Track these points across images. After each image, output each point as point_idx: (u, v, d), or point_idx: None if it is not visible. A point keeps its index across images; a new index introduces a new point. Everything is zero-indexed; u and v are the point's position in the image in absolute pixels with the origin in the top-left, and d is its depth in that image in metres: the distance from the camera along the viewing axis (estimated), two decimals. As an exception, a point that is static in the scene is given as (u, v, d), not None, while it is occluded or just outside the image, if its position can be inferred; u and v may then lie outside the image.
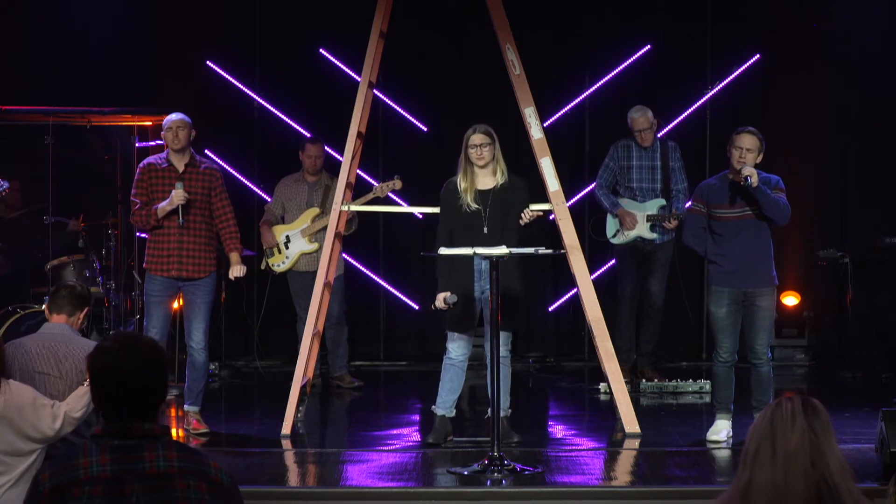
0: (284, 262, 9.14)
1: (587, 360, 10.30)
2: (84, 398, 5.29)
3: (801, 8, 10.39)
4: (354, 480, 6.39)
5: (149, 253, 7.55)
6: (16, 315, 8.75)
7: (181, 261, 7.45)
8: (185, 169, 7.53)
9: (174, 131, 7.52)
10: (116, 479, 3.15)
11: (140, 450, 3.19)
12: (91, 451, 3.18)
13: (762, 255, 7.00)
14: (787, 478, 3.05)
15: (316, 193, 9.13)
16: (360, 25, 8.08)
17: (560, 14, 10.45)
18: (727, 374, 7.10)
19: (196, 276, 7.49)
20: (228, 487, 3.24)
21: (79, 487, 3.14)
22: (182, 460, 3.20)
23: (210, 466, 3.24)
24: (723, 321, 7.02)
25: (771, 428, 3.11)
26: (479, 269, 6.96)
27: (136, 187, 7.55)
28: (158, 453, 3.19)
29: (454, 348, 7.07)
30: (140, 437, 3.20)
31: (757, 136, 6.90)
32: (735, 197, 6.94)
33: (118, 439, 3.19)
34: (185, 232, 7.44)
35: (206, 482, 3.19)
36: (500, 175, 7.01)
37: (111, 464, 3.16)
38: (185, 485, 3.17)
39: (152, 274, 7.50)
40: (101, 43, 10.15)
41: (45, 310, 5.86)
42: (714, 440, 7.06)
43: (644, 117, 9.02)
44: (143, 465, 3.17)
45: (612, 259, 9.52)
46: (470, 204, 6.97)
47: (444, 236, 7.00)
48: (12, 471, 5.07)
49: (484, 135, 6.95)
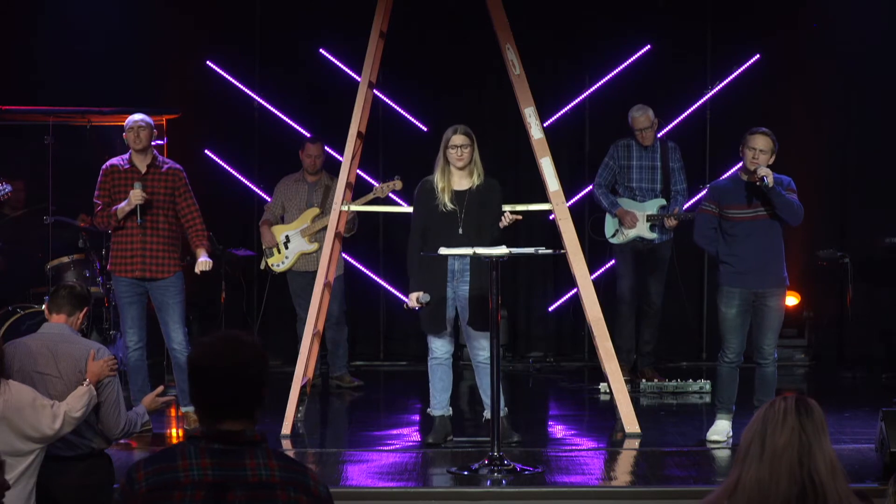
0: (284, 262, 9.14)
1: (587, 360, 10.30)
2: (84, 398, 5.29)
3: (800, 8, 10.39)
4: (354, 480, 6.39)
5: (112, 254, 7.59)
6: (16, 315, 8.75)
7: (144, 261, 7.47)
8: (147, 169, 7.53)
9: (135, 131, 7.52)
10: (219, 486, 3.05)
11: (241, 456, 3.08)
12: (190, 454, 3.07)
13: (774, 255, 7.00)
14: (771, 475, 3.06)
15: (316, 193, 9.13)
16: (360, 25, 8.07)
17: (560, 14, 10.45)
18: (731, 375, 7.09)
19: (160, 277, 7.49)
20: (325, 499, 3.14)
21: (180, 491, 3.03)
22: (283, 469, 3.10)
23: (309, 477, 3.13)
24: (732, 321, 7.01)
25: (762, 426, 3.12)
26: (451, 270, 6.97)
27: (98, 188, 7.57)
28: (260, 461, 3.08)
29: (437, 346, 7.07)
30: (241, 442, 3.09)
31: (770, 138, 6.90)
32: (749, 197, 6.93)
33: (217, 443, 3.08)
34: (147, 232, 7.46)
35: (306, 494, 3.09)
36: (476, 176, 7.01)
37: (212, 469, 3.06)
38: (287, 496, 3.07)
39: (117, 276, 7.54)
40: (101, 43, 10.15)
41: (45, 310, 5.86)
42: (714, 440, 7.06)
43: (645, 116, 9.02)
44: (246, 473, 3.06)
45: (612, 259, 9.52)
46: (446, 204, 6.97)
47: (417, 235, 7.02)
48: (11, 471, 5.06)
49: (464, 136, 6.95)
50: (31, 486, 5.13)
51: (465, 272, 6.96)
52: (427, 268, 6.94)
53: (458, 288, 6.96)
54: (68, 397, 5.28)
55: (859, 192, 10.41)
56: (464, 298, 6.97)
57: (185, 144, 10.13)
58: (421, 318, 7.06)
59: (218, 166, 10.47)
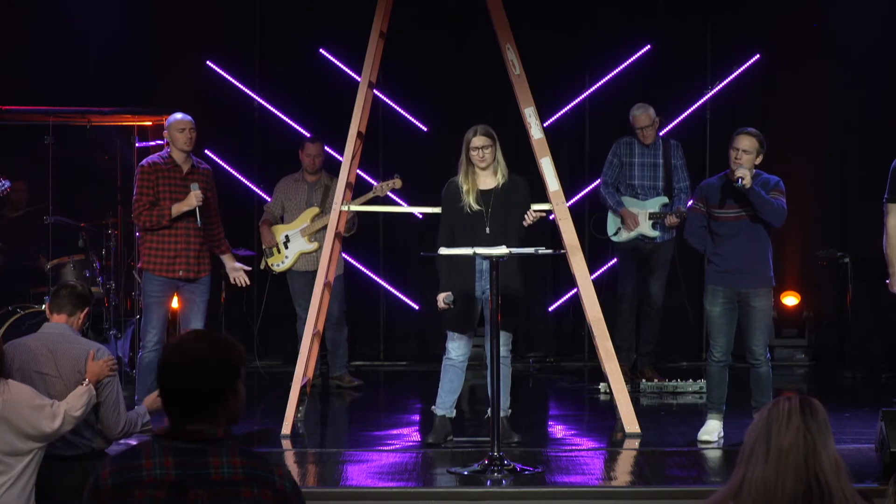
0: (284, 262, 9.14)
1: (587, 360, 10.30)
2: (83, 397, 5.29)
3: (800, 7, 10.39)
4: (354, 480, 6.39)
5: (150, 253, 7.54)
6: (16, 315, 8.75)
7: (188, 261, 7.51)
8: (189, 169, 7.55)
9: (187, 132, 7.60)
10: (181, 485, 3.06)
11: (204, 454, 3.09)
12: (154, 452, 3.09)
13: (759, 255, 7.00)
14: (777, 475, 3.06)
15: (315, 193, 9.13)
16: (360, 25, 8.07)
17: (560, 14, 10.45)
18: (720, 374, 7.09)
19: (201, 276, 7.59)
20: (291, 493, 3.14)
21: (142, 490, 3.05)
22: (246, 467, 3.10)
23: (275, 474, 3.13)
24: (717, 320, 7.03)
25: (767, 426, 3.12)
26: (479, 269, 6.96)
27: (142, 186, 7.55)
28: (223, 459, 3.09)
29: (454, 348, 7.07)
30: (204, 441, 3.09)
31: (756, 138, 6.90)
32: (731, 197, 6.95)
33: (182, 442, 3.10)
34: (190, 232, 7.50)
35: (272, 490, 3.09)
36: (500, 175, 7.02)
37: (175, 468, 3.07)
38: (251, 493, 3.07)
39: (155, 274, 7.51)
40: (101, 43, 10.15)
41: (46, 309, 5.86)
42: (705, 440, 7.05)
43: (645, 114, 9.02)
44: (208, 471, 3.07)
45: (613, 258, 9.52)
46: (472, 204, 6.98)
47: (445, 236, 7.00)
48: (11, 470, 5.07)
49: (485, 136, 6.95)
50: (30, 486, 5.13)
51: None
52: (455, 268, 6.96)
53: (486, 287, 6.94)
54: (68, 396, 5.28)
55: (859, 193, 10.40)
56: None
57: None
58: (447, 318, 7.05)
59: (218, 166, 10.46)
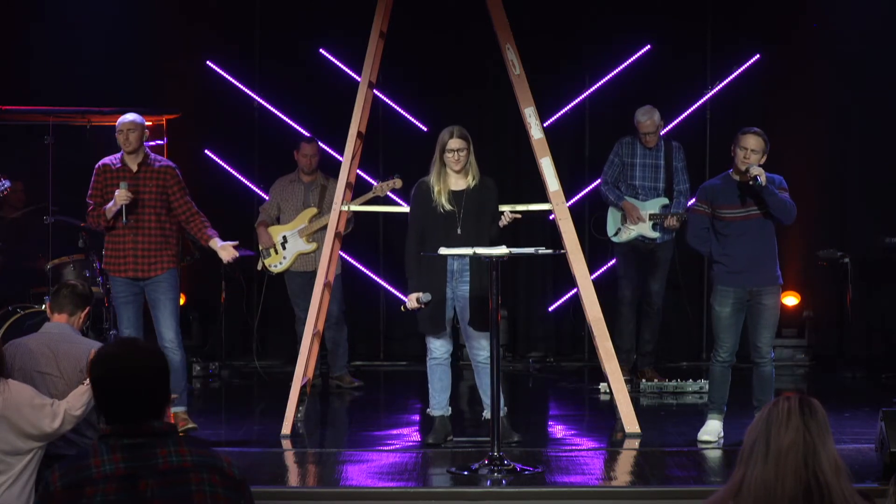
0: (282, 263, 9.14)
1: (587, 360, 10.29)
2: (84, 396, 5.29)
3: (800, 8, 10.39)
4: (354, 480, 6.39)
5: (105, 254, 7.56)
6: (16, 315, 8.75)
7: (136, 261, 7.43)
8: (138, 168, 7.48)
9: (125, 134, 7.47)
10: (130, 476, 3.16)
11: (151, 447, 3.20)
12: (102, 451, 3.19)
13: (767, 254, 7.01)
14: (777, 475, 3.07)
15: (312, 193, 9.13)
16: (360, 25, 8.07)
17: (560, 14, 10.44)
18: (723, 374, 7.10)
19: (152, 275, 7.44)
20: (239, 481, 3.27)
21: (92, 486, 3.14)
22: (194, 454, 3.23)
23: (223, 460, 3.27)
24: (726, 321, 7.02)
25: (766, 426, 3.12)
26: (451, 270, 6.97)
27: (91, 188, 7.54)
28: (170, 449, 3.21)
29: (436, 346, 7.08)
30: (150, 434, 3.21)
31: (762, 138, 6.91)
32: (742, 197, 6.95)
33: (128, 438, 3.20)
34: (137, 231, 7.41)
35: (220, 475, 3.22)
36: (471, 177, 7.03)
37: (124, 461, 3.17)
38: (200, 478, 3.19)
39: (112, 275, 7.52)
40: (102, 43, 10.14)
41: (47, 309, 5.86)
42: (705, 440, 7.05)
43: (650, 121, 9.00)
44: (157, 461, 3.18)
45: (613, 259, 9.52)
46: (444, 205, 6.98)
47: (415, 236, 7.02)
48: (11, 469, 5.07)
49: (461, 139, 6.96)
50: (30, 485, 5.13)
51: (465, 272, 6.97)
52: (427, 268, 6.95)
53: (457, 288, 6.97)
54: (69, 395, 5.29)
55: (859, 192, 10.40)
56: (463, 298, 6.97)
57: (185, 144, 10.13)
58: (419, 320, 7.06)
59: (218, 166, 10.47)
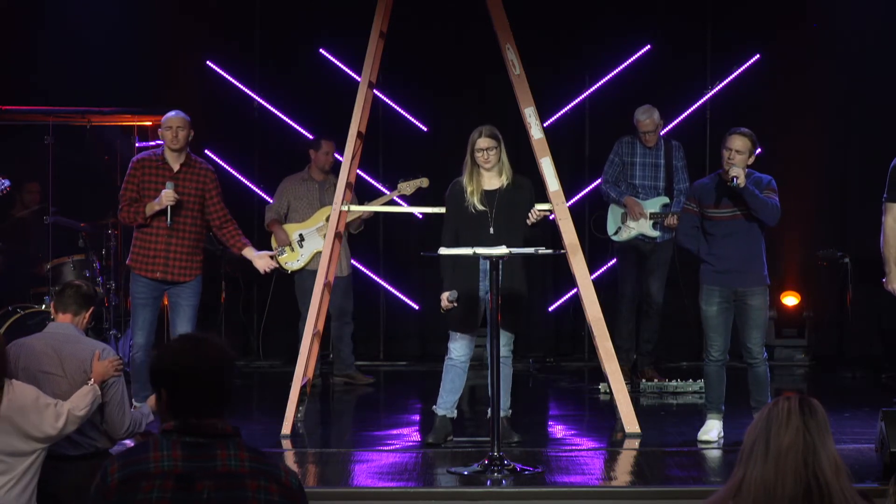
0: (298, 261, 9.11)
1: (587, 360, 10.30)
2: (88, 397, 5.29)
3: (800, 8, 10.39)
4: (354, 480, 6.38)
5: (134, 251, 7.44)
6: (16, 315, 8.75)
7: (167, 263, 7.35)
8: (179, 168, 7.44)
9: (174, 131, 7.41)
10: (188, 476, 3.13)
11: (212, 448, 3.17)
12: (162, 446, 3.16)
13: (753, 255, 7.01)
14: (777, 475, 3.07)
15: (327, 192, 9.07)
16: (360, 25, 8.07)
17: (560, 14, 10.45)
18: (718, 374, 7.10)
19: (181, 280, 7.39)
20: (297, 491, 3.22)
21: (149, 481, 3.11)
22: (253, 461, 3.18)
23: (280, 469, 3.22)
24: (714, 320, 7.03)
25: (766, 426, 3.12)
26: (483, 269, 6.96)
27: (127, 181, 7.44)
28: (230, 452, 3.17)
29: (456, 349, 7.07)
30: (212, 435, 3.18)
31: (749, 138, 6.90)
32: (725, 197, 6.95)
33: (190, 436, 3.17)
34: (174, 234, 7.34)
35: (277, 484, 3.17)
36: (505, 176, 7.03)
37: (183, 460, 3.14)
38: (257, 485, 3.15)
39: (137, 274, 7.41)
40: (101, 43, 10.15)
41: (52, 308, 5.86)
42: (705, 440, 7.05)
43: (650, 120, 9.00)
44: (216, 464, 3.15)
45: (613, 258, 9.52)
46: (476, 205, 6.98)
47: (449, 237, 7.01)
48: (13, 470, 5.07)
49: (490, 138, 6.95)
50: (32, 487, 5.13)
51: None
52: (459, 267, 6.96)
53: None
54: (72, 396, 5.28)
55: (859, 192, 10.40)
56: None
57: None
58: (450, 317, 7.05)
59: (218, 166, 10.45)
